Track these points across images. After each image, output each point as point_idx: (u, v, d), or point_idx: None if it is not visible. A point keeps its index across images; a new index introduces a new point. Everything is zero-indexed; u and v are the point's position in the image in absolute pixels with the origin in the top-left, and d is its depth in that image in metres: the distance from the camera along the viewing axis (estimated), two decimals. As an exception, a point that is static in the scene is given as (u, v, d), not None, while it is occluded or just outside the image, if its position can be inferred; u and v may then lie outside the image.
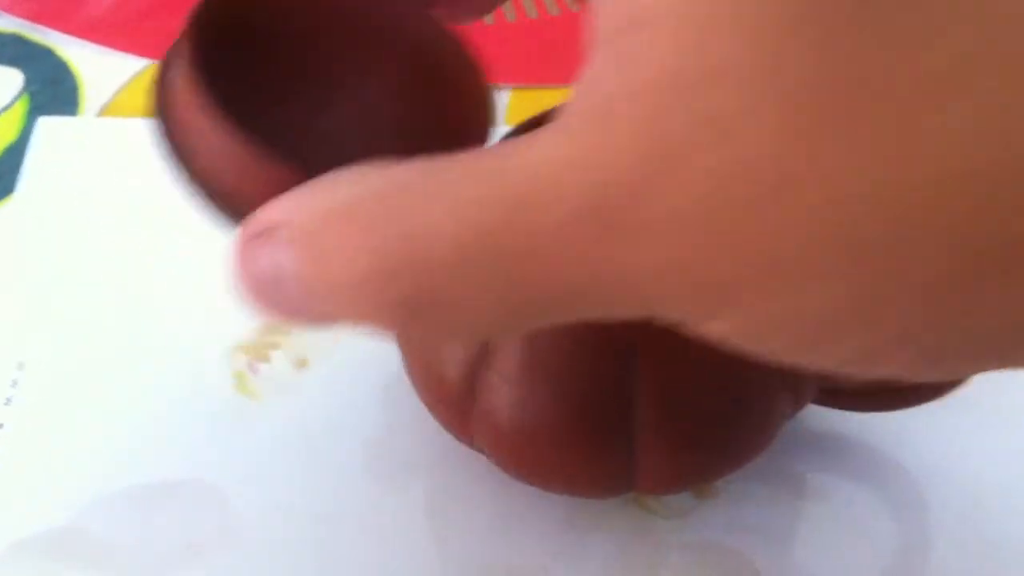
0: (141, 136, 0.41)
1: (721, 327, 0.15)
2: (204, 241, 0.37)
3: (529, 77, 0.45)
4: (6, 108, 0.43)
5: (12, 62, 0.46)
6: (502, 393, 0.26)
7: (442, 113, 0.21)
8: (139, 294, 0.36)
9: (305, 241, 0.17)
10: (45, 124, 0.42)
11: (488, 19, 0.47)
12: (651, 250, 0.15)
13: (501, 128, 0.40)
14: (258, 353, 0.34)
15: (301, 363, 0.34)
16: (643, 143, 0.14)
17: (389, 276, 0.16)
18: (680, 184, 0.14)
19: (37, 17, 0.47)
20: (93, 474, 0.31)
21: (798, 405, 0.28)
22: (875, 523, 0.30)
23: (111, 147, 0.41)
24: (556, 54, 0.46)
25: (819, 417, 0.31)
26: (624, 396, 0.26)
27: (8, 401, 0.33)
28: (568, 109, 0.15)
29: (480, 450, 0.28)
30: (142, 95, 0.44)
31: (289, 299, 0.17)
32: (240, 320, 0.35)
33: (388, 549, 0.30)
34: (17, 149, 0.41)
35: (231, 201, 0.19)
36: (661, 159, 0.14)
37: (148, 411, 0.33)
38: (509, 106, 0.43)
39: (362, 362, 0.34)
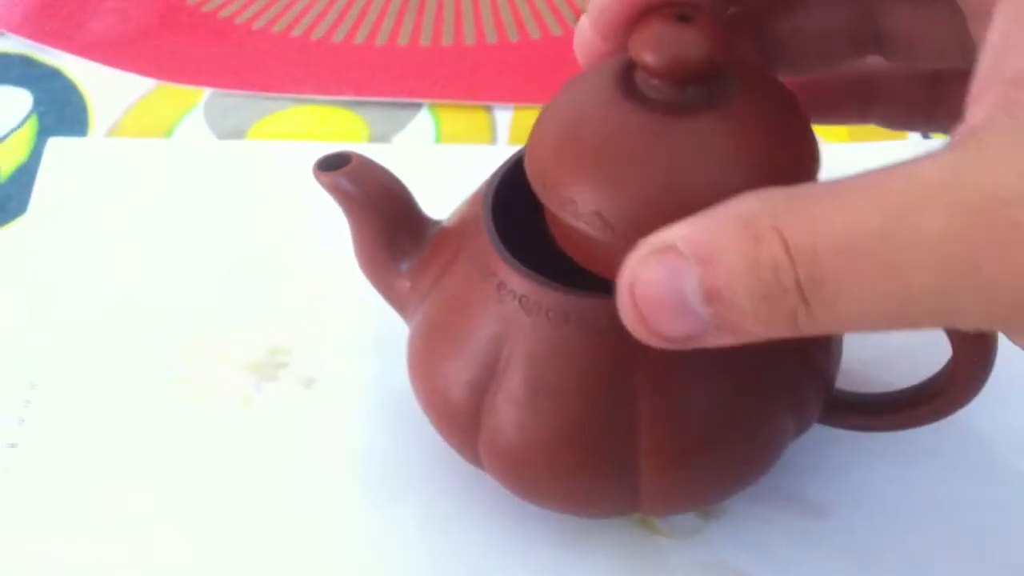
0: (149, 156, 0.42)
1: None
2: (212, 260, 0.38)
3: (531, 96, 0.45)
4: (15, 129, 0.44)
5: (20, 83, 0.46)
6: (507, 414, 0.27)
7: None
8: (148, 313, 0.36)
9: (704, 251, 0.20)
10: (55, 145, 0.42)
11: (490, 38, 0.48)
12: (1020, 256, 0.17)
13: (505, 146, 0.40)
14: (266, 372, 0.34)
15: (308, 382, 0.34)
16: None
17: (784, 267, 0.19)
18: None
19: (44, 37, 0.48)
20: (103, 491, 0.31)
21: (802, 426, 0.29)
22: (878, 544, 0.30)
23: (120, 167, 0.41)
24: (557, 73, 0.46)
25: (824, 437, 0.31)
26: (627, 418, 0.26)
27: (21, 421, 0.33)
28: (949, 142, 0.19)
29: (485, 469, 0.28)
30: (149, 115, 0.44)
31: (683, 307, 0.20)
32: (248, 340, 0.35)
33: (387, 564, 0.30)
34: (27, 169, 0.42)
35: None
36: None
37: (154, 429, 0.33)
38: (513, 124, 0.44)
39: (367, 381, 0.34)
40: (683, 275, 0.20)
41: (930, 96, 0.29)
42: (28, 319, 0.36)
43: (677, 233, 0.20)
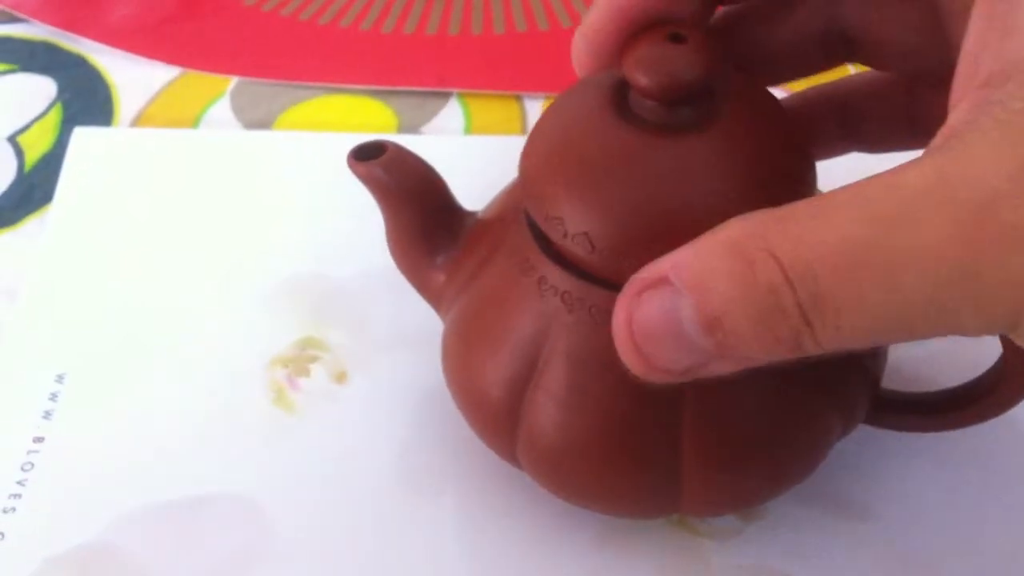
0: (176, 147, 0.41)
1: None
2: (242, 252, 0.37)
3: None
4: (40, 117, 0.43)
5: (44, 70, 0.45)
6: (548, 413, 0.26)
7: None
8: (177, 306, 0.36)
9: (697, 279, 0.19)
10: (81, 134, 0.42)
11: (520, 27, 0.47)
12: (1018, 258, 0.17)
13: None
14: (298, 367, 0.34)
15: (340, 377, 0.34)
16: (1014, 162, 0.17)
17: (783, 289, 0.18)
18: None
19: (66, 23, 0.47)
20: (131, 488, 0.31)
21: (848, 426, 0.28)
22: (921, 546, 0.29)
23: (147, 158, 0.41)
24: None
25: (869, 438, 0.30)
26: (670, 419, 0.25)
27: (47, 414, 0.33)
28: (930, 146, 0.19)
29: (523, 469, 0.28)
30: (175, 104, 0.44)
31: (682, 339, 0.20)
32: (279, 334, 0.35)
33: (422, 563, 0.29)
34: (52, 158, 0.41)
35: None
36: None
37: (186, 425, 0.32)
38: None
39: (399, 376, 0.34)
40: (678, 306, 0.20)
41: (910, 110, 0.28)
42: (53, 311, 0.36)
43: (667, 264, 0.20)
